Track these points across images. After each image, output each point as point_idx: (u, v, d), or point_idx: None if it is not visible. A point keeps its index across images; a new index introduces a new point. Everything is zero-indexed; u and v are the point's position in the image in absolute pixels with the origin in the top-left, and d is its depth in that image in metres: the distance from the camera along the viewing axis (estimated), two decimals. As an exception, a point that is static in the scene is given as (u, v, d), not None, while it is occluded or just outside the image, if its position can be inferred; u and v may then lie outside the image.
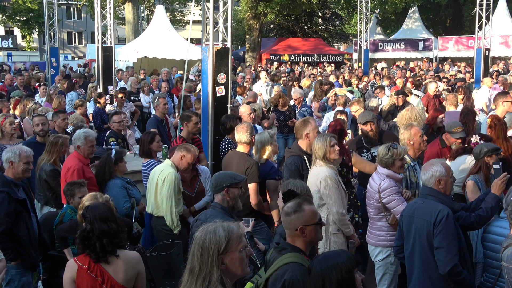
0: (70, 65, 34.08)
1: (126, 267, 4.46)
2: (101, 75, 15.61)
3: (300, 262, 3.87)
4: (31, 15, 56.46)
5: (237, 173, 5.74)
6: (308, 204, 4.12)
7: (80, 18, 67.76)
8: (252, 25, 37.20)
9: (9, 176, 5.92)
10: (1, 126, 9.00)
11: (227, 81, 9.34)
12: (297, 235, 4.03)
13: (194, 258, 3.28)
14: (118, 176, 7.21)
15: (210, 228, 3.33)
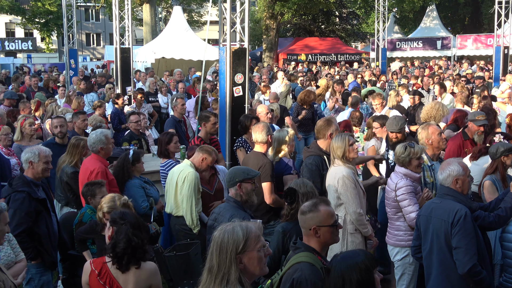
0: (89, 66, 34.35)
1: (137, 279, 4.39)
2: (119, 76, 15.71)
3: (311, 262, 3.88)
4: (50, 17, 56.94)
5: (252, 169, 5.79)
6: (324, 204, 4.12)
7: (98, 19, 68.18)
8: (269, 25, 37.18)
9: (29, 176, 5.98)
10: (21, 127, 9.12)
11: (244, 81, 9.37)
12: (311, 235, 4.04)
13: (212, 257, 3.31)
14: (136, 176, 7.27)
15: (228, 228, 3.35)
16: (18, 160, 8.75)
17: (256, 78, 19.25)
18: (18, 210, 5.67)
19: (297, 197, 5.22)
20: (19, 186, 5.83)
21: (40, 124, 10.71)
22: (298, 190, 5.27)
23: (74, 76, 20.09)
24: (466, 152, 7.78)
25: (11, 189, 5.86)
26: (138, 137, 10.03)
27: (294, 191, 5.24)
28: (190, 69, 22.00)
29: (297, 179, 5.45)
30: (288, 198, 5.25)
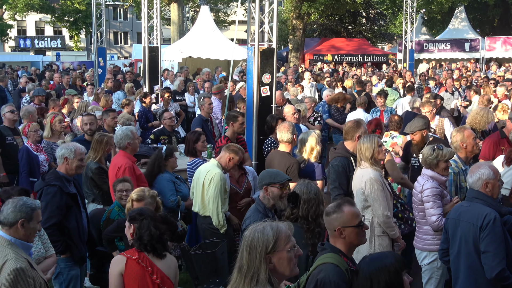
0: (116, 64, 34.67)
1: (169, 265, 4.73)
2: (147, 75, 15.81)
3: (336, 263, 3.86)
4: (79, 16, 57.67)
5: (282, 173, 5.73)
6: (349, 205, 4.09)
7: (126, 18, 68.80)
8: (295, 25, 37.13)
9: (61, 172, 6.04)
10: (51, 124, 9.26)
11: (272, 81, 9.38)
12: (336, 236, 4.02)
13: (242, 256, 3.31)
14: (167, 171, 7.37)
15: (258, 227, 3.36)
16: (47, 156, 8.91)
17: (282, 78, 19.24)
18: (49, 203, 5.74)
19: (298, 202, 5.21)
20: (51, 180, 5.91)
21: (69, 122, 10.87)
22: (301, 195, 5.24)
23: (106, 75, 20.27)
24: (502, 150, 7.72)
25: (44, 183, 5.93)
26: (169, 133, 10.17)
27: (296, 196, 5.23)
28: (216, 69, 22.09)
29: (303, 184, 5.36)
30: (291, 203, 5.25)
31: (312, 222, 5.13)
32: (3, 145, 9.08)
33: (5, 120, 9.46)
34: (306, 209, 5.16)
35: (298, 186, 5.33)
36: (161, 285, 4.59)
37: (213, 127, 11.02)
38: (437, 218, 5.86)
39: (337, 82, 17.88)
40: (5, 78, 18.45)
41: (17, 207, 4.35)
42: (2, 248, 4.26)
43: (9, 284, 4.07)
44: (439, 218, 5.86)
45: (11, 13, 55.99)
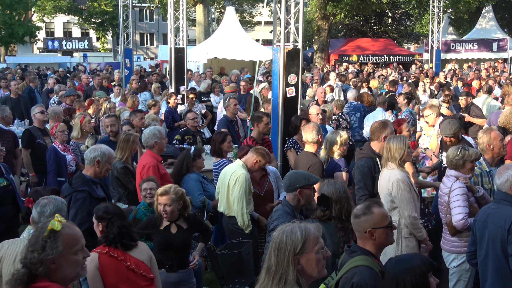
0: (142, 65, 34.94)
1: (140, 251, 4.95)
2: (173, 75, 15.91)
3: (369, 266, 3.84)
4: (106, 18, 58.30)
5: (312, 174, 5.73)
6: (378, 206, 4.08)
7: (152, 20, 69.26)
8: (321, 25, 37.03)
9: (88, 175, 6.03)
10: (81, 124, 9.37)
11: (297, 82, 9.38)
12: (366, 237, 4.00)
13: (271, 257, 3.32)
14: (194, 171, 7.43)
15: (287, 228, 3.36)
16: (74, 156, 9.03)
17: (308, 78, 19.22)
18: (79, 210, 5.74)
19: (330, 204, 5.21)
20: (79, 185, 5.88)
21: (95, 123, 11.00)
22: (331, 197, 5.25)
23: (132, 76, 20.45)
24: None
25: (72, 189, 5.90)
26: (193, 133, 10.24)
27: (327, 199, 5.22)
28: (242, 69, 22.13)
29: (330, 184, 5.36)
30: (322, 206, 5.25)
31: (346, 221, 5.13)
32: (32, 146, 9.21)
33: (35, 121, 9.58)
34: (339, 209, 5.19)
35: (326, 188, 5.32)
36: (136, 269, 4.77)
37: (238, 127, 11.05)
38: (463, 217, 5.79)
39: (362, 83, 17.80)
40: (35, 79, 18.72)
41: (43, 211, 4.47)
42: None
43: None
44: (465, 216, 5.79)
45: (40, 15, 56.82)
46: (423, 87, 16.33)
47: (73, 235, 3.29)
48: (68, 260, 3.23)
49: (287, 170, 8.54)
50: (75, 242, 3.27)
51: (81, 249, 3.31)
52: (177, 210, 5.75)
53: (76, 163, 9.10)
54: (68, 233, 3.26)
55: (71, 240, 3.26)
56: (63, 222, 3.29)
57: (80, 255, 3.30)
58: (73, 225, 3.39)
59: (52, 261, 3.18)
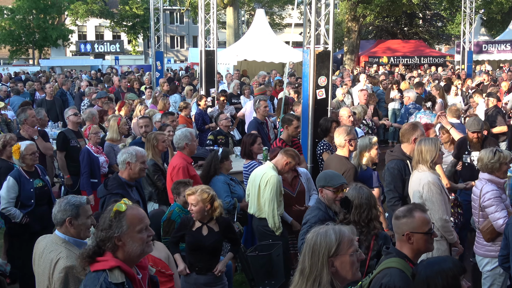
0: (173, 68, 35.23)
1: (158, 248, 5.04)
2: (203, 78, 16.01)
3: (401, 269, 3.82)
4: (137, 21, 58.95)
5: (339, 177, 5.67)
6: (420, 211, 4.04)
7: (183, 22, 69.72)
8: (350, 27, 36.90)
9: (123, 177, 6.07)
10: (118, 126, 9.49)
11: (327, 84, 9.37)
12: (403, 240, 3.98)
13: (305, 259, 3.33)
14: (222, 173, 7.48)
15: (321, 230, 3.37)
16: (106, 158, 9.16)
17: (338, 80, 19.16)
18: None
19: (351, 208, 5.19)
20: (114, 188, 5.93)
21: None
22: (353, 200, 5.21)
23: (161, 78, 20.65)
24: None
25: (107, 191, 5.95)
26: (225, 134, 10.35)
27: (349, 202, 5.21)
28: (271, 71, 22.16)
29: (355, 188, 5.30)
30: (343, 208, 5.24)
31: (365, 226, 5.12)
32: (67, 148, 9.34)
33: (69, 123, 9.71)
34: (358, 214, 5.13)
35: (350, 191, 5.30)
36: (154, 266, 4.70)
37: (268, 129, 11.08)
38: (503, 221, 5.70)
39: (393, 85, 17.68)
40: (67, 81, 19.03)
41: (61, 207, 4.49)
42: (56, 247, 4.41)
43: (60, 281, 4.19)
44: (505, 220, 5.71)
45: (73, 18, 57.76)
46: (455, 90, 16.14)
47: (136, 215, 3.55)
48: (133, 238, 3.50)
49: (317, 172, 8.53)
50: (139, 222, 3.53)
51: (146, 228, 3.55)
52: (205, 211, 5.79)
53: (110, 165, 9.23)
54: (132, 213, 3.54)
55: (135, 219, 3.53)
56: (128, 204, 3.58)
57: (145, 234, 3.54)
58: (138, 207, 3.63)
59: (119, 238, 3.47)
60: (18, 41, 53.85)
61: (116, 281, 3.44)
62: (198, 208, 5.73)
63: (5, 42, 52.89)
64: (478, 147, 8.01)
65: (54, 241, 4.46)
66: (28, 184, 7.08)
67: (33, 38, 53.91)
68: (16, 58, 55.59)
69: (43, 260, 4.40)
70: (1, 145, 7.86)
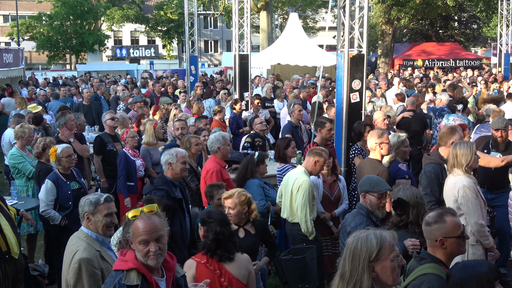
0: (206, 72, 35.43)
1: (239, 265, 4.88)
2: (237, 82, 16.08)
3: (439, 274, 3.79)
4: (172, 26, 59.50)
5: (383, 183, 5.62)
6: (451, 215, 4.02)
7: (217, 27, 70.11)
8: (385, 30, 36.62)
9: (168, 176, 6.37)
10: (154, 130, 9.63)
11: (361, 88, 9.34)
12: (437, 246, 3.96)
13: (345, 263, 3.33)
14: (257, 177, 7.53)
15: (362, 235, 3.36)
16: (143, 161, 9.29)
17: (372, 84, 19.06)
18: None
19: (408, 208, 5.13)
20: (159, 184, 6.24)
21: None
22: (409, 201, 5.14)
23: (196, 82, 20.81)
24: None
25: (152, 187, 6.27)
26: (262, 136, 10.46)
27: (405, 203, 5.16)
28: (304, 75, 22.15)
29: (406, 189, 5.24)
30: (398, 209, 5.19)
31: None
32: (103, 152, 9.50)
33: (106, 127, 9.87)
34: (416, 214, 5.06)
35: (402, 193, 5.23)
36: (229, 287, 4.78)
37: (302, 133, 11.10)
38: None
39: (427, 88, 17.50)
40: (101, 86, 19.33)
41: (82, 203, 4.72)
42: (77, 240, 4.64)
43: (74, 272, 4.39)
44: None
45: (109, 24, 58.58)
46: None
47: (138, 228, 3.60)
48: (136, 247, 3.61)
49: (350, 176, 8.53)
50: (139, 234, 3.58)
51: (146, 242, 3.58)
52: (242, 214, 5.82)
53: (146, 168, 9.36)
54: (136, 224, 3.61)
55: (137, 231, 3.59)
56: (138, 215, 3.64)
57: (144, 248, 3.58)
58: (148, 219, 3.64)
59: (130, 241, 3.65)
60: (56, 47, 54.81)
61: (130, 283, 3.53)
62: (236, 211, 5.74)
63: (44, 48, 53.88)
64: (501, 148, 7.93)
65: (78, 235, 4.70)
66: (65, 187, 7.23)
67: (70, 43, 54.83)
68: (54, 63, 56.62)
69: (67, 252, 4.63)
70: (41, 148, 8.07)
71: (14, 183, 8.78)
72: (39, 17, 54.55)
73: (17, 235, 6.06)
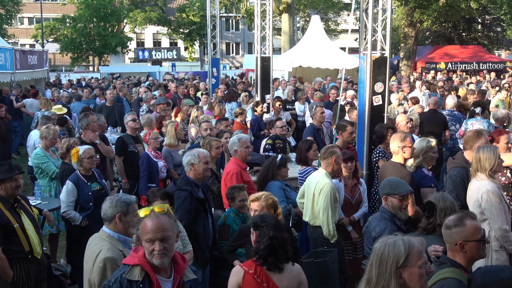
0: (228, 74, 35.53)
1: (289, 276, 4.67)
2: (259, 84, 16.09)
3: (458, 279, 3.76)
4: (193, 28, 59.83)
5: (404, 184, 5.60)
6: (471, 219, 3.97)
7: (238, 29, 70.28)
8: (407, 33, 36.42)
9: (191, 177, 6.37)
10: (176, 132, 9.68)
11: (384, 90, 9.28)
12: (456, 250, 3.92)
13: (372, 269, 3.30)
14: (278, 179, 7.52)
15: (389, 241, 3.32)
16: (165, 163, 9.33)
17: (394, 86, 18.95)
18: (180, 207, 6.02)
19: (435, 211, 5.09)
20: (182, 184, 6.25)
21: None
22: (437, 204, 5.11)
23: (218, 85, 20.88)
24: None
25: (175, 187, 6.27)
26: (283, 138, 10.47)
27: (432, 205, 5.11)
28: (326, 78, 22.09)
29: (438, 194, 5.24)
30: (426, 212, 5.14)
31: None
32: (125, 153, 9.54)
33: (128, 129, 9.92)
34: (444, 217, 5.02)
35: (432, 197, 5.23)
36: None
37: (324, 136, 11.06)
38: None
39: (450, 91, 17.34)
40: (123, 88, 19.47)
41: (113, 203, 4.72)
42: (100, 240, 4.67)
43: (99, 271, 4.44)
44: None
45: (131, 26, 59.10)
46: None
47: (146, 226, 3.70)
48: (143, 243, 3.73)
49: (372, 179, 8.48)
50: (146, 232, 3.68)
51: (152, 241, 3.66)
52: None
53: (168, 170, 9.40)
54: (144, 222, 3.72)
55: (144, 229, 3.70)
56: (151, 214, 3.74)
57: (150, 246, 3.66)
58: (156, 218, 3.71)
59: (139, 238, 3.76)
60: (79, 49, 55.47)
61: (131, 278, 3.64)
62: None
63: (67, 50, 54.54)
64: None
65: (100, 235, 4.74)
66: (86, 188, 7.29)
67: (93, 45, 55.43)
68: (77, 65, 57.25)
69: (88, 253, 4.68)
70: (65, 148, 8.17)
71: (38, 183, 8.87)
72: (63, 19, 55.25)
73: (40, 235, 6.15)
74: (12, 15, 51.77)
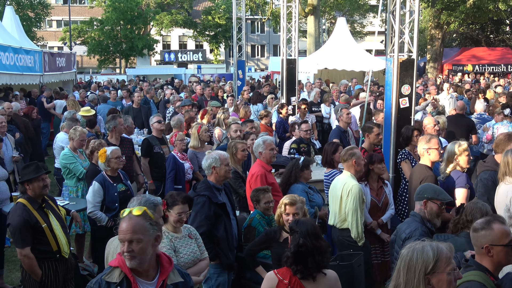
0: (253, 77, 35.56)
1: (324, 285, 4.46)
2: (284, 86, 16.08)
3: (482, 282, 3.70)
4: (219, 30, 60.09)
5: (445, 192, 5.56)
6: (499, 223, 3.90)
7: (264, 31, 70.37)
8: (434, 34, 36.09)
9: (211, 181, 6.28)
10: (198, 134, 9.72)
11: (411, 93, 9.20)
12: (483, 253, 3.86)
13: (399, 275, 3.25)
14: (302, 182, 7.49)
15: (418, 246, 3.27)
16: (191, 164, 9.37)
17: (420, 89, 18.77)
18: (198, 213, 5.98)
19: (462, 210, 5.04)
20: (201, 190, 6.16)
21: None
22: (468, 205, 5.08)
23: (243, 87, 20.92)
24: None
25: (194, 193, 6.19)
26: (308, 142, 10.42)
27: (462, 205, 5.07)
28: (351, 80, 22.01)
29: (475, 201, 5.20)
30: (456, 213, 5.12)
31: None
32: (151, 154, 9.61)
33: (154, 130, 10.00)
34: (470, 214, 4.98)
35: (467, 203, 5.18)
36: None
37: (350, 138, 11.01)
38: None
39: (478, 94, 17.13)
40: (150, 90, 19.61)
41: (141, 203, 4.67)
42: None
43: None
44: None
45: (158, 29, 59.60)
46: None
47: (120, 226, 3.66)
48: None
49: (399, 182, 8.41)
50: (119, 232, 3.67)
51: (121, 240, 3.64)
52: None
53: (194, 171, 9.44)
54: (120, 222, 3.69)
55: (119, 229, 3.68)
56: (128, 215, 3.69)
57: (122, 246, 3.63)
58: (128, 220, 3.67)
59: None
60: (106, 51, 56.07)
61: (110, 280, 3.62)
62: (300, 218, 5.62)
63: (95, 52, 55.16)
64: None
65: None
66: (112, 189, 7.35)
67: (120, 48, 55.98)
68: (104, 67, 57.86)
69: (111, 252, 4.74)
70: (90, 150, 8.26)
71: (66, 183, 8.97)
72: (90, 22, 55.96)
73: (67, 235, 6.21)
74: (41, 18, 52.47)
